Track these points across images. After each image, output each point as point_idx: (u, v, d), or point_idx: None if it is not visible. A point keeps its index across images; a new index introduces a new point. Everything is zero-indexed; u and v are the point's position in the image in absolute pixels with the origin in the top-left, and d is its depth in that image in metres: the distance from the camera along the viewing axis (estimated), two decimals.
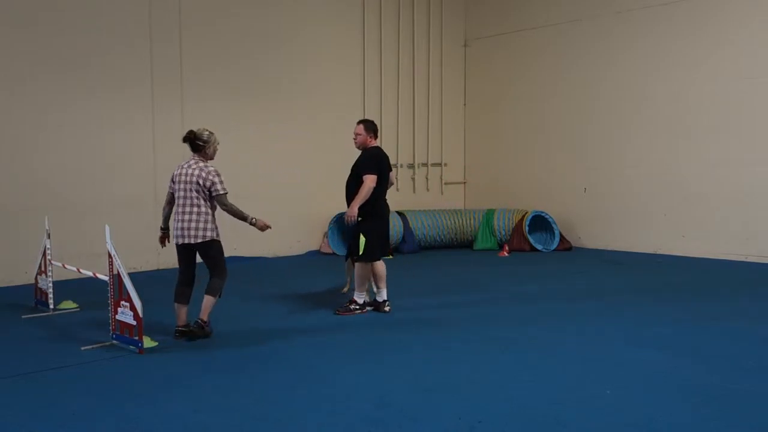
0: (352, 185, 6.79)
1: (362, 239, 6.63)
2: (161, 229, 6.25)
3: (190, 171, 5.83)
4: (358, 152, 7.01)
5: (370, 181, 6.60)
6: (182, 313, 5.95)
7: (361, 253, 6.67)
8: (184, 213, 5.81)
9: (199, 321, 5.82)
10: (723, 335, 6.00)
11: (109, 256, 5.73)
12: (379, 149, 6.93)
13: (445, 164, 13.59)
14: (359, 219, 6.64)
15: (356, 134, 6.91)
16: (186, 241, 5.81)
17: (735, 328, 6.24)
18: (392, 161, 12.82)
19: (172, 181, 5.94)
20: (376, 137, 6.95)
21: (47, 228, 7.09)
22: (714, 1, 10.64)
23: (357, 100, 12.33)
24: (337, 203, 11.88)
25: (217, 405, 4.32)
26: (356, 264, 6.82)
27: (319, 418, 4.07)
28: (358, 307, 6.83)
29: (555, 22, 12.54)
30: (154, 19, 9.68)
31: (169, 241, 6.18)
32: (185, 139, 5.88)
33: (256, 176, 10.74)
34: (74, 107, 9.04)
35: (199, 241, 5.81)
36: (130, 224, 9.39)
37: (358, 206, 6.56)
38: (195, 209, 5.79)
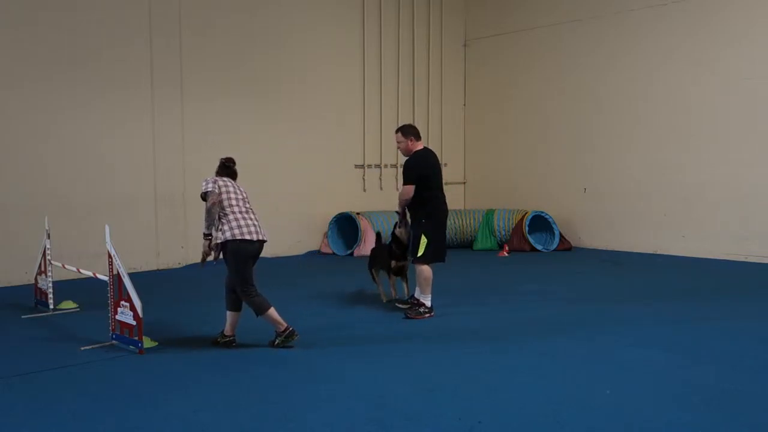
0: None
1: (423, 240, 6.57)
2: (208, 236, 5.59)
3: (237, 185, 5.79)
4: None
5: (405, 191, 6.63)
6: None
7: (420, 254, 6.58)
8: (247, 211, 5.66)
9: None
10: (723, 335, 6.00)
11: (109, 256, 5.73)
12: (421, 153, 6.78)
13: (445, 164, 13.52)
14: (422, 221, 6.63)
15: (398, 142, 6.81)
16: (263, 238, 5.64)
17: (735, 328, 6.24)
18: (391, 162, 12.99)
19: (225, 185, 5.64)
20: (418, 139, 6.81)
21: (47, 228, 7.09)
22: (714, 1, 10.64)
23: (357, 100, 12.34)
24: (337, 203, 11.96)
25: (217, 405, 4.31)
26: (418, 266, 6.67)
27: (319, 418, 4.07)
28: (426, 310, 6.72)
29: (555, 22, 12.54)
30: (154, 20, 9.68)
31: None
32: (229, 166, 5.82)
33: (256, 176, 10.69)
34: (74, 107, 9.04)
35: (266, 239, 5.72)
36: (130, 224, 9.40)
37: (399, 209, 6.97)
38: (253, 214, 5.72)
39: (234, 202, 5.62)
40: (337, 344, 5.77)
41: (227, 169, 5.88)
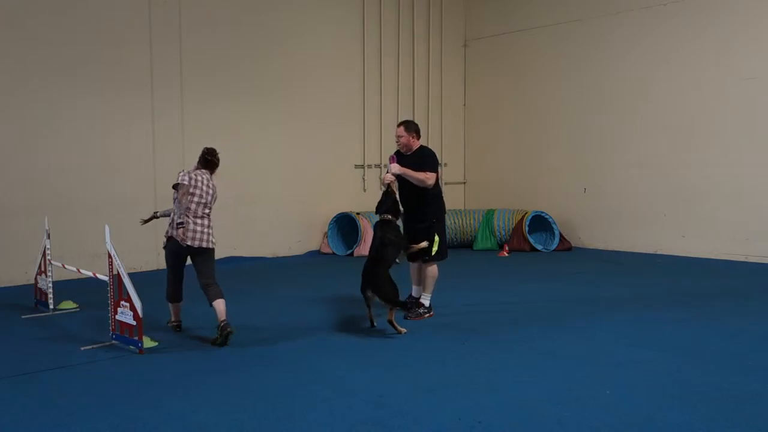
0: (408, 189, 6.60)
1: (436, 239, 6.58)
2: (158, 215, 6.46)
3: (210, 183, 5.97)
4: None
5: (430, 177, 6.47)
6: (178, 309, 6.25)
7: (434, 253, 6.59)
8: (202, 217, 5.85)
9: (226, 322, 5.72)
10: (723, 335, 6.00)
11: (109, 256, 5.73)
12: (430, 149, 6.77)
13: (445, 164, 13.57)
14: (434, 221, 6.60)
15: (398, 136, 6.67)
16: (199, 244, 5.81)
17: (735, 328, 6.24)
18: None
19: (195, 185, 5.85)
20: (419, 137, 6.74)
21: (47, 228, 7.09)
22: (714, 1, 10.64)
23: (357, 101, 12.33)
24: (337, 203, 11.96)
25: (217, 405, 4.32)
26: (428, 266, 6.67)
27: (319, 418, 4.07)
28: (426, 310, 6.73)
29: (555, 22, 12.54)
30: (154, 21, 9.67)
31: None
32: (208, 156, 6.01)
33: (256, 177, 10.76)
34: (74, 108, 9.04)
35: (211, 246, 5.92)
36: (130, 224, 9.35)
37: (402, 172, 6.40)
38: (207, 220, 5.91)
39: (193, 206, 5.83)
40: (336, 344, 5.78)
41: (207, 161, 6.05)
